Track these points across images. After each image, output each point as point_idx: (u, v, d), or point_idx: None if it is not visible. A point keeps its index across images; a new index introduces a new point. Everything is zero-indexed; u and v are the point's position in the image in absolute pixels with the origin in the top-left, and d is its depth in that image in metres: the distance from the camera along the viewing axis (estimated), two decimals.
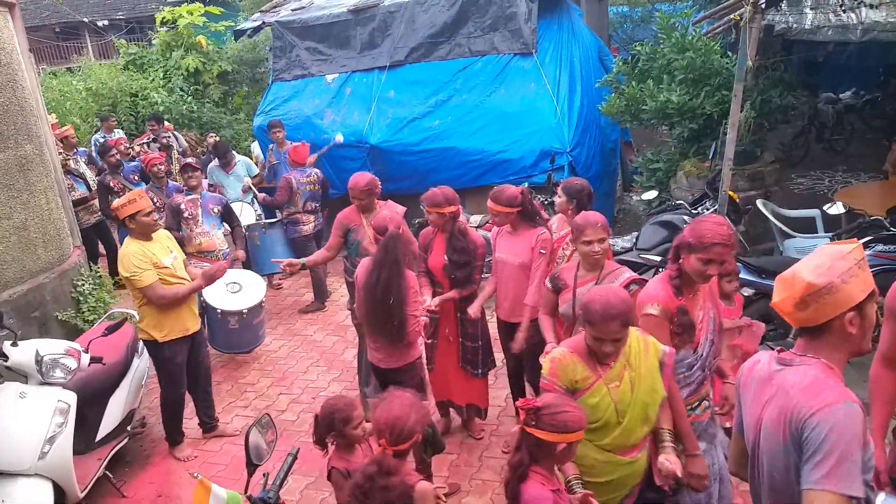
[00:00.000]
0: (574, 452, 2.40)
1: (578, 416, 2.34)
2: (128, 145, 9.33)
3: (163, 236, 4.59)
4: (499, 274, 4.24)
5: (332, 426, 2.81)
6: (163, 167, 6.91)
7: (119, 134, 10.48)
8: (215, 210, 6.18)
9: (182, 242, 5.61)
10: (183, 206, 5.98)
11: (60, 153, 7.87)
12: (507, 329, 4.29)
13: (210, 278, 4.51)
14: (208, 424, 4.99)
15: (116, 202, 4.43)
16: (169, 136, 9.16)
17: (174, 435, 4.82)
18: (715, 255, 2.69)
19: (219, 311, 5.73)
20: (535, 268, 4.03)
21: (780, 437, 1.85)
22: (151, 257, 4.30)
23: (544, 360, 2.96)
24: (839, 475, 1.71)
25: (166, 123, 10.13)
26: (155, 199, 6.20)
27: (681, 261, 2.84)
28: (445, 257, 4.21)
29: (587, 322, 2.56)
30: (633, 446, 2.67)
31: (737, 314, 3.89)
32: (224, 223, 6.43)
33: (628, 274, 3.42)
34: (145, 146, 9.39)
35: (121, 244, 7.75)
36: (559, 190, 4.34)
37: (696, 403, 2.96)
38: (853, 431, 1.73)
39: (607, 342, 2.53)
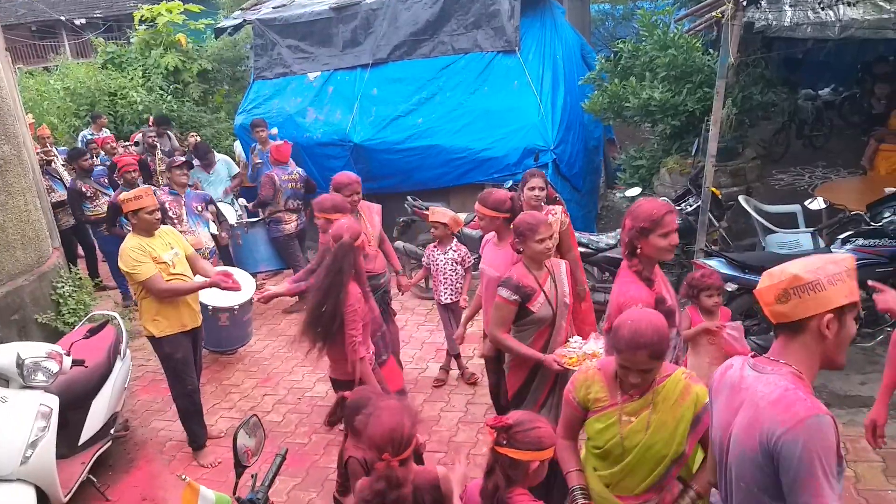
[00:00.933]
0: (545, 470, 2.28)
1: (549, 431, 2.26)
2: (114, 144, 9.20)
3: (166, 232, 4.61)
4: (482, 286, 4.08)
5: (356, 414, 2.83)
6: (136, 174, 6.79)
7: (106, 133, 10.35)
8: (199, 208, 6.17)
9: None
10: (167, 206, 5.93)
11: (38, 153, 7.77)
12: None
13: (214, 284, 4.48)
14: None
15: (124, 195, 4.46)
16: (153, 136, 9.07)
17: (194, 438, 4.74)
18: (669, 224, 2.80)
19: (210, 307, 5.67)
20: None
21: (750, 449, 1.84)
22: (150, 251, 4.33)
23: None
24: (821, 495, 1.70)
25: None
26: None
27: (638, 251, 2.86)
28: None
29: (614, 347, 2.36)
30: (634, 495, 2.47)
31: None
32: (210, 221, 6.42)
33: (564, 263, 3.61)
34: (128, 148, 9.32)
35: (98, 247, 7.74)
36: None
37: None
38: (825, 445, 1.71)
39: (633, 372, 2.31)
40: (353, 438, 2.96)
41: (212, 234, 6.44)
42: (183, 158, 6.82)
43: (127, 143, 9.71)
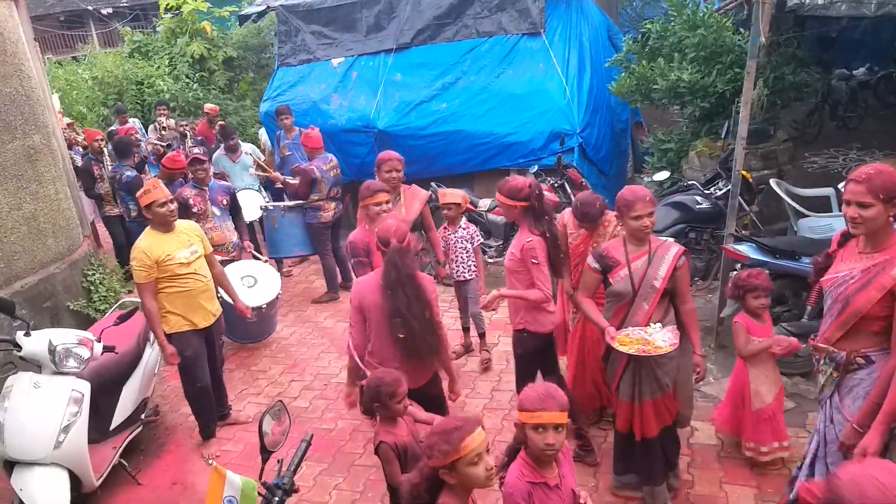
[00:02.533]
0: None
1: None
2: (139, 136, 9.19)
3: (186, 228, 4.53)
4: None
5: (377, 398, 2.97)
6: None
7: (133, 123, 10.39)
8: (224, 202, 6.09)
9: None
10: (191, 202, 5.82)
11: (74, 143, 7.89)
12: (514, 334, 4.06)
13: (163, 347, 4.41)
14: (221, 413, 4.96)
15: (139, 192, 4.44)
16: (185, 124, 9.07)
17: (203, 430, 4.80)
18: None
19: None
20: (519, 275, 3.78)
21: None
22: (159, 254, 4.25)
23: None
24: None
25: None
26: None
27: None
28: None
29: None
30: None
31: (767, 332, 3.78)
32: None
33: (677, 248, 3.38)
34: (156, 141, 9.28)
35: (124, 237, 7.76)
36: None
37: None
38: None
39: None
40: (382, 422, 3.04)
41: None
42: (198, 152, 6.75)
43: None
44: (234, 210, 6.19)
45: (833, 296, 2.76)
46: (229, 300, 5.10)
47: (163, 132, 9.37)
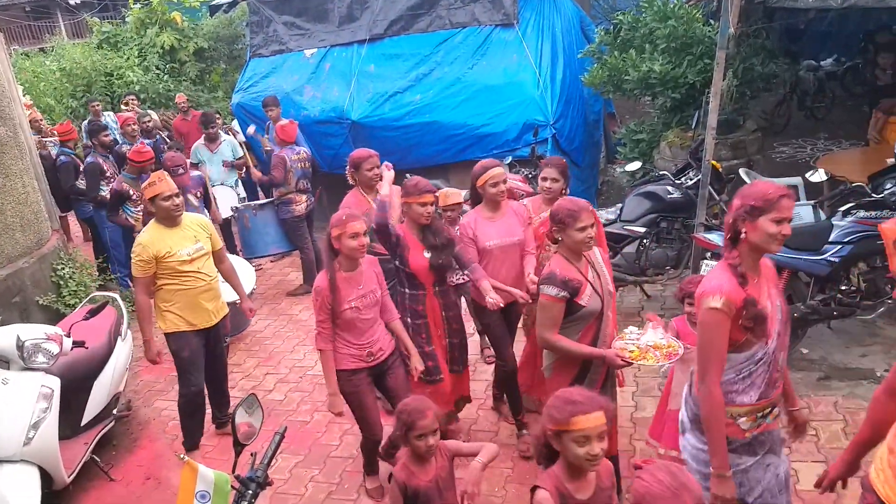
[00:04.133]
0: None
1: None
2: (134, 126, 8.80)
3: (193, 224, 4.32)
4: (491, 262, 3.98)
5: (398, 426, 2.66)
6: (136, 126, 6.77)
7: (107, 116, 9.96)
8: (199, 194, 6.01)
9: None
10: None
11: (38, 140, 7.67)
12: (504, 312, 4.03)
13: (148, 349, 4.28)
14: (220, 420, 4.74)
15: (144, 184, 4.31)
16: (149, 120, 8.82)
17: (188, 437, 4.46)
18: (786, 210, 2.34)
19: None
20: (529, 240, 4.04)
21: None
22: (159, 250, 4.07)
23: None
24: None
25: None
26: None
27: (743, 235, 2.39)
28: (426, 254, 3.84)
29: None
30: None
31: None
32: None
33: (599, 249, 3.35)
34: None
35: (102, 233, 7.51)
36: (547, 168, 4.18)
37: (769, 409, 2.55)
38: None
39: None
40: (407, 456, 2.76)
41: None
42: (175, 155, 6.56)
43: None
44: (206, 201, 6.13)
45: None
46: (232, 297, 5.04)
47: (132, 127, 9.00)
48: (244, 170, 8.03)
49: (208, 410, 4.65)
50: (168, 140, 8.74)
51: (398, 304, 3.93)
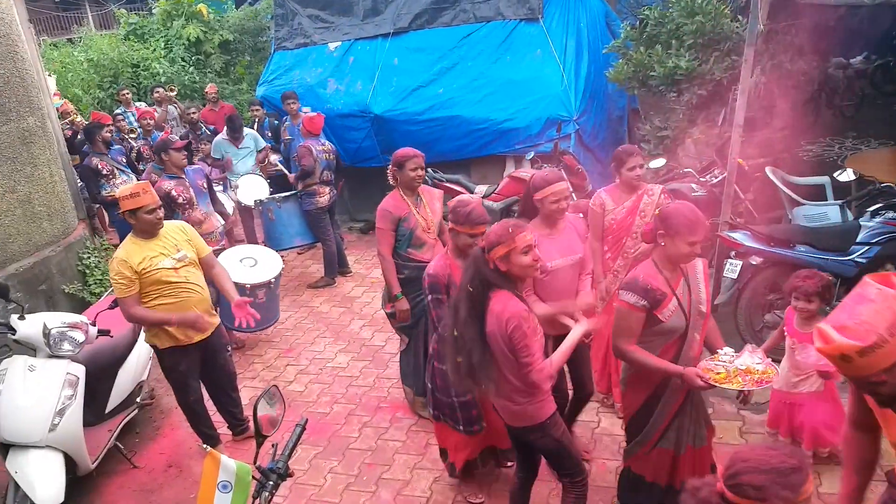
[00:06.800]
0: None
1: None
2: (151, 120, 8.80)
3: (173, 230, 4.06)
4: (547, 286, 3.52)
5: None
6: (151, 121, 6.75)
7: (142, 107, 9.97)
8: (204, 185, 6.00)
9: None
10: (173, 193, 5.37)
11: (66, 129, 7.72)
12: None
13: (181, 321, 3.96)
14: (238, 427, 4.61)
15: (119, 192, 3.92)
16: (193, 112, 8.72)
17: (205, 440, 4.32)
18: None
19: (248, 285, 5.44)
20: (588, 261, 3.72)
21: None
22: (138, 263, 3.80)
23: None
24: None
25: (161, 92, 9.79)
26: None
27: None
28: None
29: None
30: None
31: (806, 339, 3.50)
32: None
33: (701, 261, 3.01)
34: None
35: (116, 230, 7.47)
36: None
37: None
38: None
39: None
40: None
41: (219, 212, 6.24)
42: (177, 138, 6.39)
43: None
44: (210, 192, 6.13)
45: None
46: (241, 281, 5.02)
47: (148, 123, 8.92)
48: (265, 161, 8.06)
49: (220, 419, 4.58)
50: (195, 131, 8.69)
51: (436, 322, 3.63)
